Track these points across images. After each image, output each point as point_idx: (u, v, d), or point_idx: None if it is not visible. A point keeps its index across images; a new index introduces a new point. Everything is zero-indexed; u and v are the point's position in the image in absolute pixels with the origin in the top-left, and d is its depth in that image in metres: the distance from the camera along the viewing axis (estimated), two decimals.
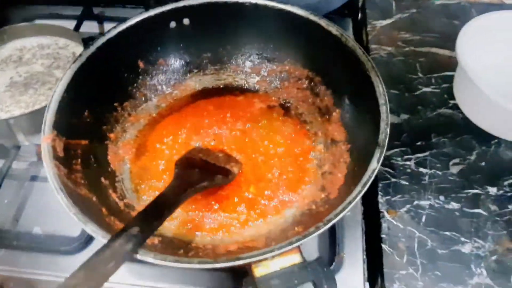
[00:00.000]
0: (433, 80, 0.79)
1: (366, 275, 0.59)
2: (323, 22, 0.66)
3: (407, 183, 0.65)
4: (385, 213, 0.62)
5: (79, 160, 0.59)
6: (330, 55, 0.68)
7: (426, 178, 0.66)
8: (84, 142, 0.62)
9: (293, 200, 0.63)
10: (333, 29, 0.66)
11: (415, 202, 0.63)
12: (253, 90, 0.77)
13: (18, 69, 0.75)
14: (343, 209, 0.47)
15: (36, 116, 0.66)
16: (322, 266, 0.46)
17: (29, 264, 0.62)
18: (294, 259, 0.46)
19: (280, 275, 0.45)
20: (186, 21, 0.72)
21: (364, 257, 0.60)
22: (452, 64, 0.80)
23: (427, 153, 0.69)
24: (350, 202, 0.48)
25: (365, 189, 0.49)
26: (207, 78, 0.78)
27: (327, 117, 0.69)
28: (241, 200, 0.63)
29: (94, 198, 0.57)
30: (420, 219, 0.62)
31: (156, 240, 0.55)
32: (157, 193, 0.61)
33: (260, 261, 0.45)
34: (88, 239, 0.63)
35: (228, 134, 0.71)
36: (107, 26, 0.95)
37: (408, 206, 0.63)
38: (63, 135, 0.57)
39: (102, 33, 0.89)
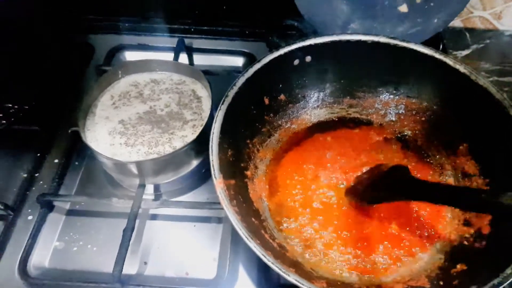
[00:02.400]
0: None
1: None
2: (449, 60, 0.69)
3: None
4: None
5: (235, 201, 0.59)
6: (454, 90, 0.70)
7: None
8: (232, 181, 0.62)
9: (435, 235, 0.64)
10: (461, 67, 0.68)
11: None
12: (367, 122, 0.79)
13: (142, 105, 0.74)
14: None
15: (162, 159, 0.66)
16: None
17: None
18: None
19: None
20: (308, 58, 0.73)
21: None
22: None
23: None
24: None
25: None
26: (322, 111, 0.79)
27: (453, 150, 0.71)
28: (386, 237, 0.64)
29: (258, 241, 0.57)
30: None
31: (324, 283, 0.55)
32: (297, 227, 0.65)
33: None
34: (227, 281, 0.63)
35: (354, 167, 0.72)
36: (196, 57, 0.96)
37: None
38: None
39: (191, 63, 0.91)
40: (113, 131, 0.71)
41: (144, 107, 0.74)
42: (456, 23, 1.00)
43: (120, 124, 0.72)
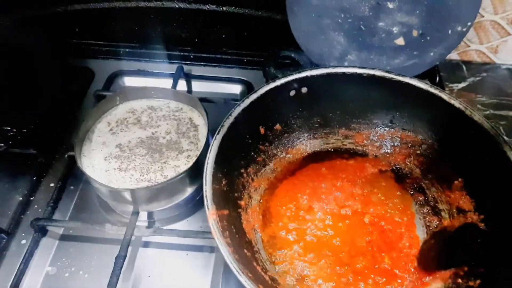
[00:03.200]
0: None
1: None
2: (445, 95, 0.70)
3: None
4: None
5: (227, 232, 0.59)
6: (449, 125, 0.71)
7: None
8: (226, 212, 0.62)
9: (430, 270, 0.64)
10: (456, 102, 0.69)
11: None
12: (363, 154, 0.79)
13: (142, 131, 0.75)
14: None
15: (156, 187, 0.67)
16: None
17: None
18: None
19: None
20: (304, 89, 0.74)
21: None
22: None
23: None
24: None
25: None
26: (317, 142, 0.80)
27: (448, 184, 0.71)
28: (378, 272, 0.64)
29: (250, 274, 0.56)
30: None
31: None
32: (290, 260, 0.64)
33: None
34: None
35: (348, 199, 0.72)
36: (195, 84, 0.97)
37: None
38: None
39: (189, 90, 0.93)
40: (109, 156, 0.71)
41: (145, 133, 0.75)
42: (453, 56, 1.02)
43: (117, 148, 0.73)
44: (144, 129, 0.75)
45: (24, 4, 0.96)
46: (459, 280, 0.61)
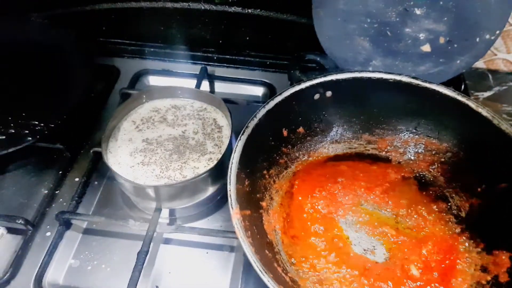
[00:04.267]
0: None
1: None
2: (472, 103, 0.69)
3: None
4: None
5: (249, 232, 0.59)
6: (475, 133, 0.70)
7: None
8: (248, 212, 0.62)
9: (452, 280, 0.63)
10: (483, 110, 0.68)
11: None
12: (385, 160, 0.78)
13: (171, 129, 0.77)
14: None
15: (179, 185, 0.68)
16: None
17: None
18: None
19: None
20: (329, 93, 0.74)
21: None
22: None
23: None
24: None
25: None
26: (340, 146, 0.80)
27: (471, 193, 0.70)
28: (403, 282, 0.63)
29: (271, 275, 0.56)
30: None
31: None
32: (311, 262, 0.64)
33: None
34: None
35: (368, 204, 0.72)
36: (218, 85, 0.98)
37: None
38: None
39: (212, 91, 0.93)
40: (134, 151, 0.73)
41: (175, 131, 0.76)
42: (479, 64, 1.01)
43: (144, 142, 0.74)
44: (173, 127, 0.76)
45: (54, 2, 0.98)
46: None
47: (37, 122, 0.79)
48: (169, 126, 0.76)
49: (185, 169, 0.70)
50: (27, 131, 0.77)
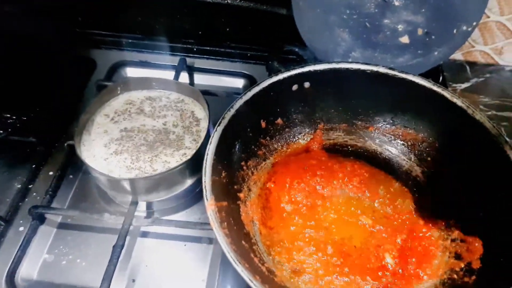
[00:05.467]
0: None
1: None
2: (447, 94, 0.69)
3: None
4: None
5: (225, 223, 0.59)
6: (451, 123, 0.70)
7: None
8: (224, 203, 0.61)
9: (426, 267, 0.64)
10: (458, 101, 0.69)
11: None
12: (363, 150, 0.79)
13: (151, 121, 0.76)
14: None
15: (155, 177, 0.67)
16: None
17: None
18: None
19: None
20: (307, 84, 0.74)
21: None
22: None
23: None
24: None
25: None
26: (317, 137, 0.79)
27: (446, 182, 0.71)
28: (379, 268, 0.64)
29: (246, 265, 0.56)
30: None
31: None
32: (287, 252, 0.64)
33: None
34: None
35: (345, 194, 0.72)
36: (197, 77, 0.97)
37: None
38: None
39: (191, 83, 0.92)
40: (110, 141, 0.71)
41: (155, 123, 0.75)
42: (457, 56, 1.01)
43: (123, 132, 0.73)
44: (153, 119, 0.76)
45: None
46: (455, 276, 0.61)
47: (9, 115, 0.77)
48: (148, 117, 0.75)
49: (156, 162, 0.69)
50: None
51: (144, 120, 0.74)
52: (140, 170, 0.67)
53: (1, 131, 0.74)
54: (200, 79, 0.97)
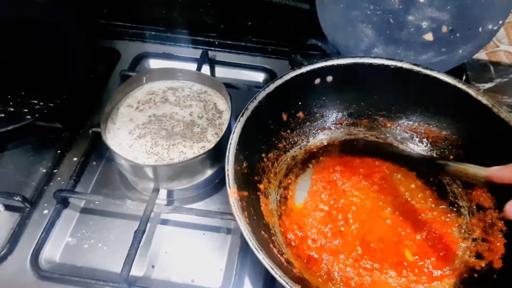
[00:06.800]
0: None
1: None
2: (472, 91, 0.69)
3: None
4: None
5: (246, 213, 0.60)
6: (475, 122, 0.70)
7: None
8: (245, 193, 0.62)
9: (446, 265, 0.64)
10: (483, 98, 0.68)
11: None
12: (384, 146, 0.78)
13: (178, 109, 0.77)
14: None
15: (178, 165, 0.67)
16: None
17: None
18: None
19: None
20: (329, 78, 0.74)
21: None
22: None
23: None
24: None
25: None
26: (339, 132, 0.80)
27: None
28: (398, 264, 0.64)
29: (266, 255, 0.57)
30: None
31: None
32: (306, 245, 0.65)
33: None
34: None
35: (368, 190, 0.72)
36: (218, 70, 0.98)
37: None
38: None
39: (213, 75, 0.93)
40: (134, 128, 0.72)
41: (182, 112, 0.76)
42: (481, 55, 1.00)
43: (149, 119, 0.75)
44: (180, 108, 0.77)
45: None
46: (475, 275, 0.61)
47: (36, 101, 0.79)
48: (175, 106, 0.76)
49: (172, 151, 0.70)
50: (26, 110, 0.77)
51: (172, 109, 0.75)
52: (158, 156, 0.68)
53: (29, 117, 0.76)
54: (221, 72, 0.98)
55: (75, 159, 0.79)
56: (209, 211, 0.71)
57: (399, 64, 0.72)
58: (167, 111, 0.76)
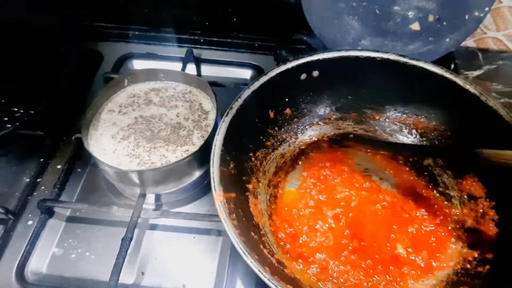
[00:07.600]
0: None
1: None
2: (460, 80, 0.68)
3: None
4: None
5: (234, 215, 0.58)
6: (463, 110, 0.69)
7: None
8: (233, 195, 0.61)
9: (439, 257, 0.63)
10: (471, 87, 0.67)
11: None
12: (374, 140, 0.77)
13: (165, 110, 0.75)
14: None
15: (163, 169, 0.66)
16: None
17: None
18: None
19: None
20: (315, 73, 0.73)
21: None
22: None
23: None
24: None
25: None
26: (328, 127, 0.79)
27: (458, 171, 0.69)
28: (390, 259, 0.63)
29: (256, 256, 0.55)
30: None
31: None
32: (297, 244, 0.64)
33: None
34: None
35: (358, 184, 0.71)
36: (204, 68, 0.96)
37: None
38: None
39: (199, 74, 0.91)
40: (117, 132, 0.70)
41: (168, 113, 0.74)
42: (469, 43, 0.99)
43: (135, 119, 0.73)
44: (167, 109, 0.75)
45: None
46: (468, 265, 0.60)
47: (16, 109, 0.77)
48: (161, 107, 0.75)
49: (154, 155, 0.68)
50: (6, 118, 0.75)
51: (158, 110, 0.74)
52: (139, 159, 0.67)
53: (9, 125, 0.73)
54: (208, 71, 0.96)
55: (59, 166, 0.77)
56: (198, 214, 0.69)
57: (385, 56, 0.70)
58: (155, 113, 0.74)
